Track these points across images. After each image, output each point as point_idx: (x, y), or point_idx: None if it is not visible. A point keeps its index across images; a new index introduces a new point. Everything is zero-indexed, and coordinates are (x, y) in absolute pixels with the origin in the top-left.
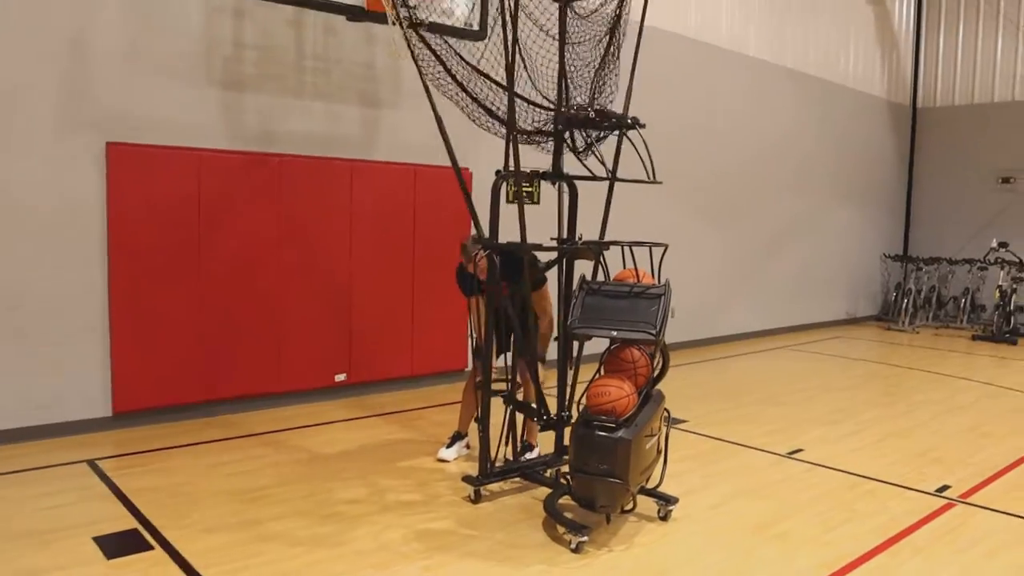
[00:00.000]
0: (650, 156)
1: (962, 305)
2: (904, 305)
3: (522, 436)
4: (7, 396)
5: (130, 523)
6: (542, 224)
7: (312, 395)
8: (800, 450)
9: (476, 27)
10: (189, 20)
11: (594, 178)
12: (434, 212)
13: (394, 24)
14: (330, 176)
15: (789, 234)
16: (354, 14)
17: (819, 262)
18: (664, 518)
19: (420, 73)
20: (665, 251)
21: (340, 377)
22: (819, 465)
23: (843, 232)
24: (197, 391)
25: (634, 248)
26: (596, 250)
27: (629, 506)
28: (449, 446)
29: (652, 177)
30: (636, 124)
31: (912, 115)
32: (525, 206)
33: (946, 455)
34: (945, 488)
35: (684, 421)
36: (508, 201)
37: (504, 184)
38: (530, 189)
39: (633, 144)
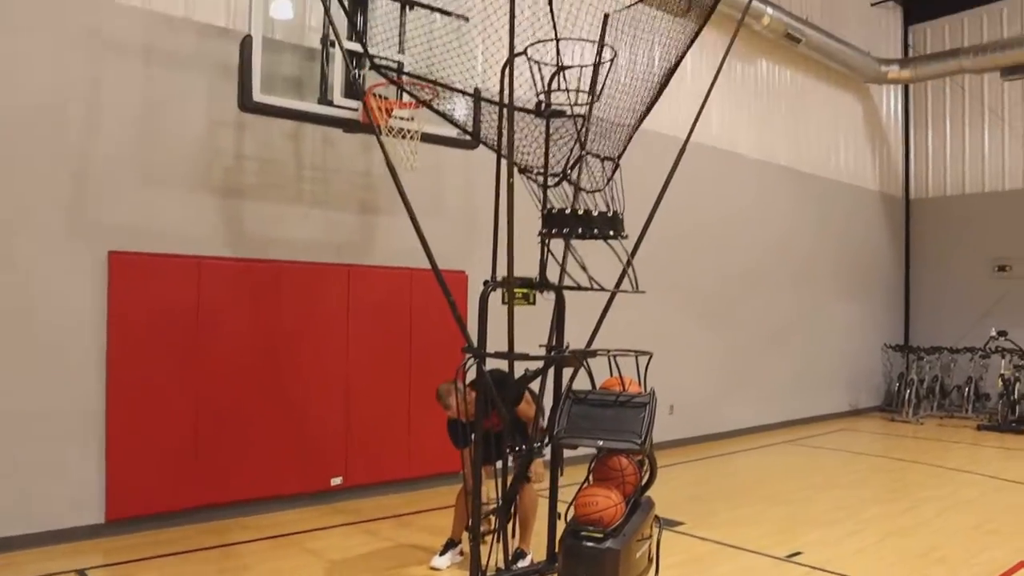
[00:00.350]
0: (632, 266)
1: (966, 394)
2: (907, 395)
3: (514, 539)
4: None
5: None
6: (529, 329)
7: (308, 499)
8: (799, 553)
9: (469, 135)
10: (191, 132)
11: (579, 288)
12: (430, 315)
13: (388, 135)
14: (328, 280)
15: (789, 328)
16: (349, 127)
17: (820, 355)
18: None
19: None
20: (650, 360)
21: (336, 481)
22: (818, 569)
23: (843, 323)
24: (192, 497)
25: (621, 356)
26: (580, 358)
27: None
28: (442, 554)
29: (635, 287)
30: (619, 235)
31: (905, 206)
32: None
33: (950, 555)
34: None
35: (681, 523)
36: (503, 302)
37: (499, 289)
38: (525, 291)
39: (616, 252)
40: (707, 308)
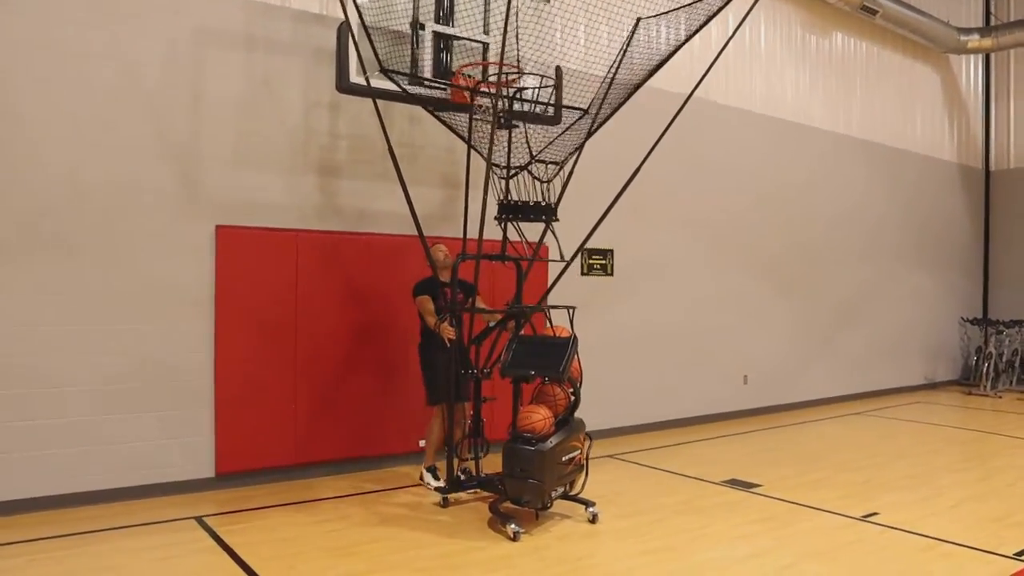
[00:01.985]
0: (556, 238)
1: None
2: (984, 369)
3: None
4: (122, 457)
5: (237, 574)
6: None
7: (397, 459)
8: (875, 513)
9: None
10: (290, 114)
11: (525, 259)
12: (509, 283)
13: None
14: (414, 250)
15: (863, 300)
16: (439, 105)
17: (893, 327)
18: (593, 521)
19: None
20: (574, 311)
21: (423, 443)
22: (893, 528)
23: (918, 296)
24: (292, 455)
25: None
26: (529, 312)
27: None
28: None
29: (561, 256)
30: (550, 217)
31: (985, 178)
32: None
33: None
34: None
35: (758, 485)
36: (583, 274)
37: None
38: (604, 262)
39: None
40: (780, 279)
